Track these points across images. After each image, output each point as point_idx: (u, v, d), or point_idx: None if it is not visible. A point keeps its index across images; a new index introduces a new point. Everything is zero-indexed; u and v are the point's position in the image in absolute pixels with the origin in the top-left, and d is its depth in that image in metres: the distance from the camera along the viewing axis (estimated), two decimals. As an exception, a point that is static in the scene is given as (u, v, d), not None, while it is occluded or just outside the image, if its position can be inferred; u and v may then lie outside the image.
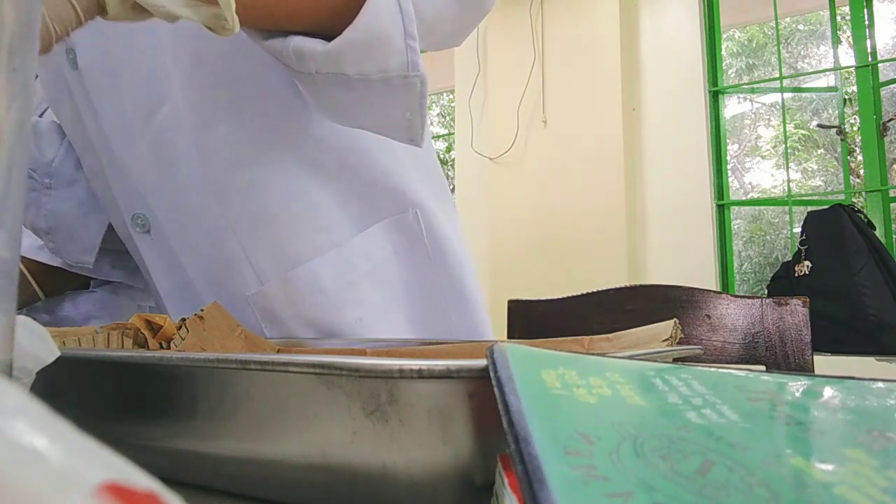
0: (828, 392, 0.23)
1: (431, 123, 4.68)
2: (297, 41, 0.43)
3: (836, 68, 2.82)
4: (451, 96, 3.98)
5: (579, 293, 0.92)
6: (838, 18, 2.80)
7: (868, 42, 2.50)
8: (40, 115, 0.73)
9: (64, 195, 0.71)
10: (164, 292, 0.64)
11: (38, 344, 0.22)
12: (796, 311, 0.77)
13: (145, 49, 0.57)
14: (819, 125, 4.14)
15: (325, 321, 0.58)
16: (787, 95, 2.95)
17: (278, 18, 0.43)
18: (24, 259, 0.85)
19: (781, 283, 2.24)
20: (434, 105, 5.47)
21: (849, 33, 2.68)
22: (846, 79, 2.92)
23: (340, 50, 0.42)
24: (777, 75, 2.70)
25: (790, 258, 2.26)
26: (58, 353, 0.23)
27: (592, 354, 0.25)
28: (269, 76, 0.56)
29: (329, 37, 0.43)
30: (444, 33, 0.50)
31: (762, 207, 4.67)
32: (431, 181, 0.66)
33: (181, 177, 0.58)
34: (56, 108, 0.67)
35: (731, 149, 4.35)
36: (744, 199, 4.54)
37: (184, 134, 0.57)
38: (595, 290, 0.90)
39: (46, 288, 0.88)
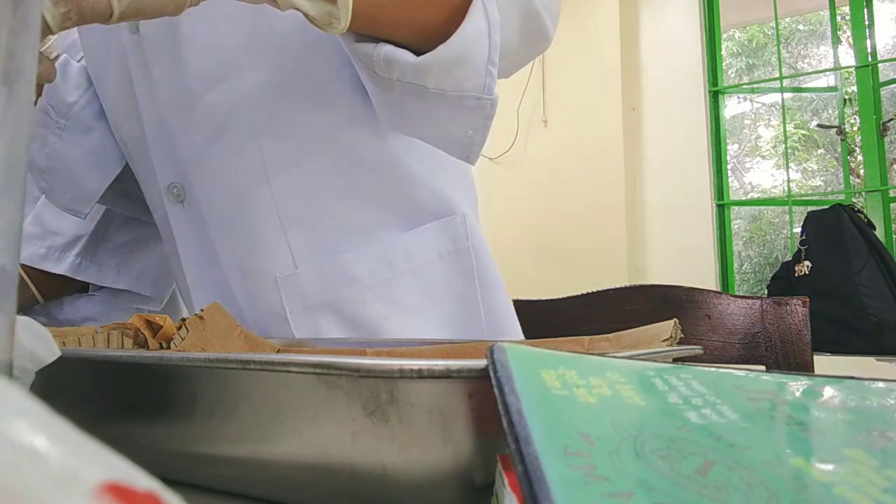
0: (828, 392, 0.23)
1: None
2: (388, 49, 0.45)
3: (836, 68, 2.82)
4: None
5: (579, 293, 0.92)
6: (838, 18, 2.80)
7: (868, 42, 2.50)
8: (77, 60, 0.72)
9: (74, 140, 0.69)
10: (189, 268, 0.64)
11: (38, 344, 0.22)
12: (796, 311, 0.77)
13: (214, 20, 0.57)
14: (819, 125, 4.13)
15: (354, 313, 0.58)
16: (787, 95, 2.95)
17: (378, 27, 0.45)
18: (22, 263, 0.85)
19: (781, 283, 2.24)
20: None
21: (849, 33, 2.68)
22: (846, 79, 2.92)
23: (428, 64, 0.45)
24: (777, 75, 2.71)
25: (790, 258, 2.26)
26: (58, 353, 0.23)
27: (592, 354, 0.25)
28: (340, 75, 0.58)
29: (415, 50, 0.45)
30: (502, 65, 0.52)
31: (762, 207, 4.67)
32: (468, 191, 0.68)
33: (232, 151, 0.59)
34: (99, 69, 0.67)
35: (731, 149, 4.35)
36: (744, 199, 4.54)
37: (245, 111, 0.58)
38: (595, 290, 0.90)
39: (45, 291, 0.87)
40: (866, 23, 2.50)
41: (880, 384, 0.24)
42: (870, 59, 2.48)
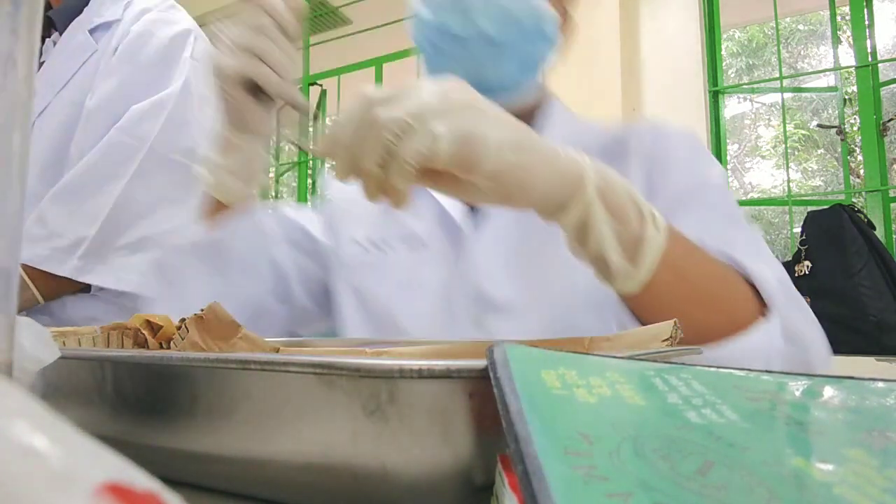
0: (828, 392, 0.23)
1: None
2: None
3: (836, 68, 2.82)
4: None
5: (579, 293, 0.92)
6: (838, 18, 2.80)
7: (868, 42, 2.50)
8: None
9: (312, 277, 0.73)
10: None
11: (38, 344, 0.22)
12: (796, 311, 0.77)
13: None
14: (819, 125, 4.14)
15: None
16: (787, 95, 2.95)
17: (656, 306, 0.44)
18: (24, 264, 0.85)
19: (781, 283, 2.24)
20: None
21: (849, 33, 2.68)
22: (846, 79, 2.92)
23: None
24: (777, 75, 2.70)
25: (790, 258, 2.26)
26: (58, 354, 0.23)
27: (592, 354, 0.25)
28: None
29: None
30: None
31: (762, 207, 4.67)
32: None
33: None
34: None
35: (731, 149, 4.35)
36: (744, 199, 4.54)
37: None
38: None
39: (46, 291, 0.87)
40: (866, 23, 2.50)
41: (880, 384, 0.24)
42: (870, 59, 2.47)
